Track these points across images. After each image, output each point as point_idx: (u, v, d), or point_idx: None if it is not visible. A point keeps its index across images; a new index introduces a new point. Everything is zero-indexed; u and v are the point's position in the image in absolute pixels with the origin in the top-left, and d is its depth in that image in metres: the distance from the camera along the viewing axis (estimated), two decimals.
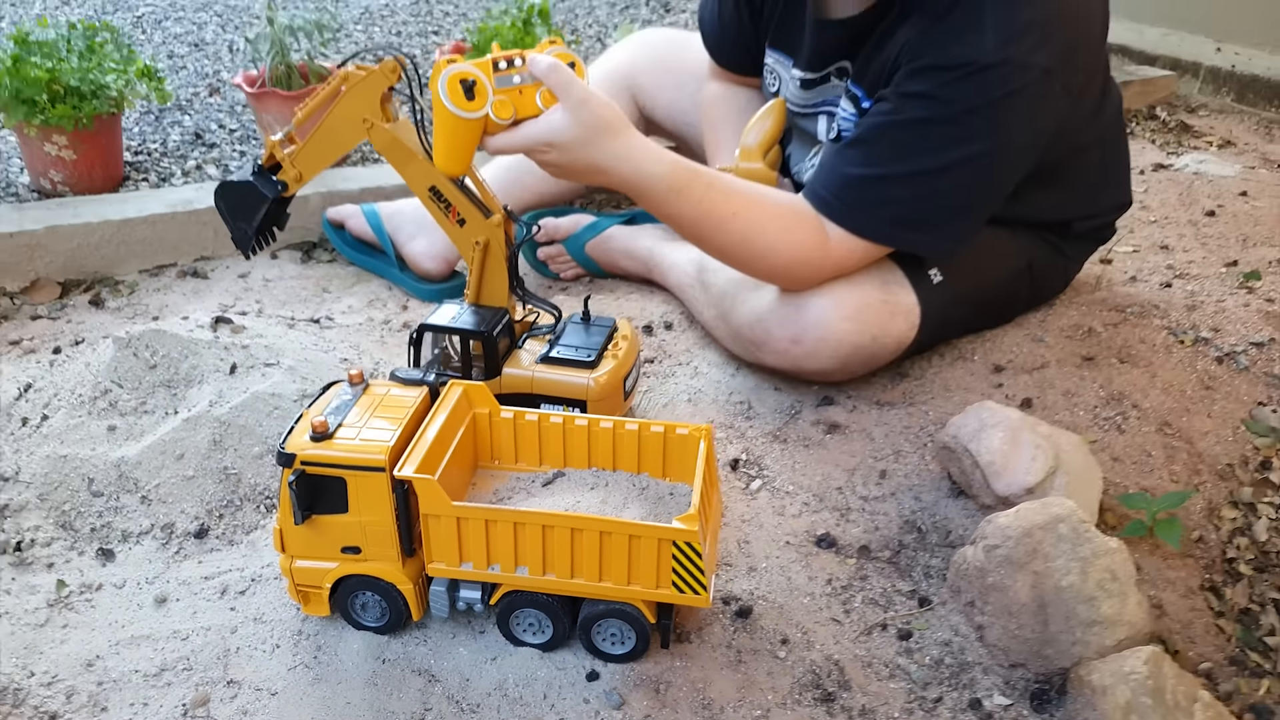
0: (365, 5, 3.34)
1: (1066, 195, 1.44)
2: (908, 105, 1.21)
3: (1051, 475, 1.04)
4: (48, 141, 1.82)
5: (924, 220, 1.25)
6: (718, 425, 1.34)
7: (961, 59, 1.17)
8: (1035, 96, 1.20)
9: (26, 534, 1.16)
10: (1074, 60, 1.24)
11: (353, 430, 0.98)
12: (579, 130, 1.11)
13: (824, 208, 1.25)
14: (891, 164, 1.22)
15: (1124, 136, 1.55)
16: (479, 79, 1.10)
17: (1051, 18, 1.19)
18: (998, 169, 1.25)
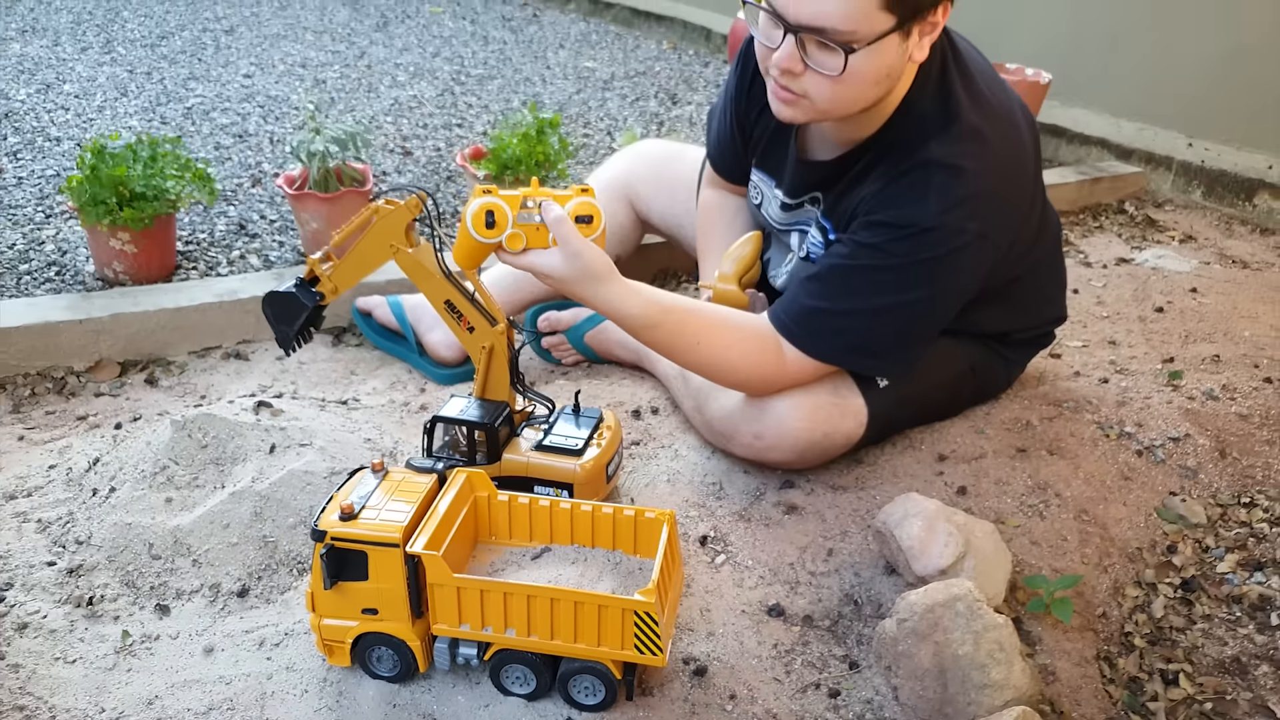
0: (395, 97, 3.61)
1: (1005, 312, 1.64)
2: (860, 253, 1.42)
3: (962, 559, 1.23)
4: (114, 237, 2.06)
5: (868, 348, 1.47)
6: (691, 504, 1.53)
7: (907, 220, 1.38)
8: (967, 255, 1.41)
9: (97, 590, 1.36)
10: (1003, 225, 1.45)
11: (374, 511, 1.18)
12: (569, 274, 1.33)
13: (785, 332, 1.46)
14: (843, 301, 1.44)
15: (1060, 261, 1.74)
16: (502, 212, 1.31)
17: (984, 192, 1.39)
18: (933, 311, 1.46)
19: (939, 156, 1.39)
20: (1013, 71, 3.19)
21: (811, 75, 1.33)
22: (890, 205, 1.41)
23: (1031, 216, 1.58)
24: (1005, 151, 1.45)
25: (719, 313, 1.48)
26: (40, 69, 3.76)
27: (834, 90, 1.33)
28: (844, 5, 1.25)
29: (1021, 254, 1.57)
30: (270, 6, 5.14)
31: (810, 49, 1.31)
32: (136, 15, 4.77)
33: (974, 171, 1.38)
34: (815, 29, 1.28)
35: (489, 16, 5.20)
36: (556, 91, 3.82)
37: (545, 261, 1.33)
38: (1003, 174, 1.44)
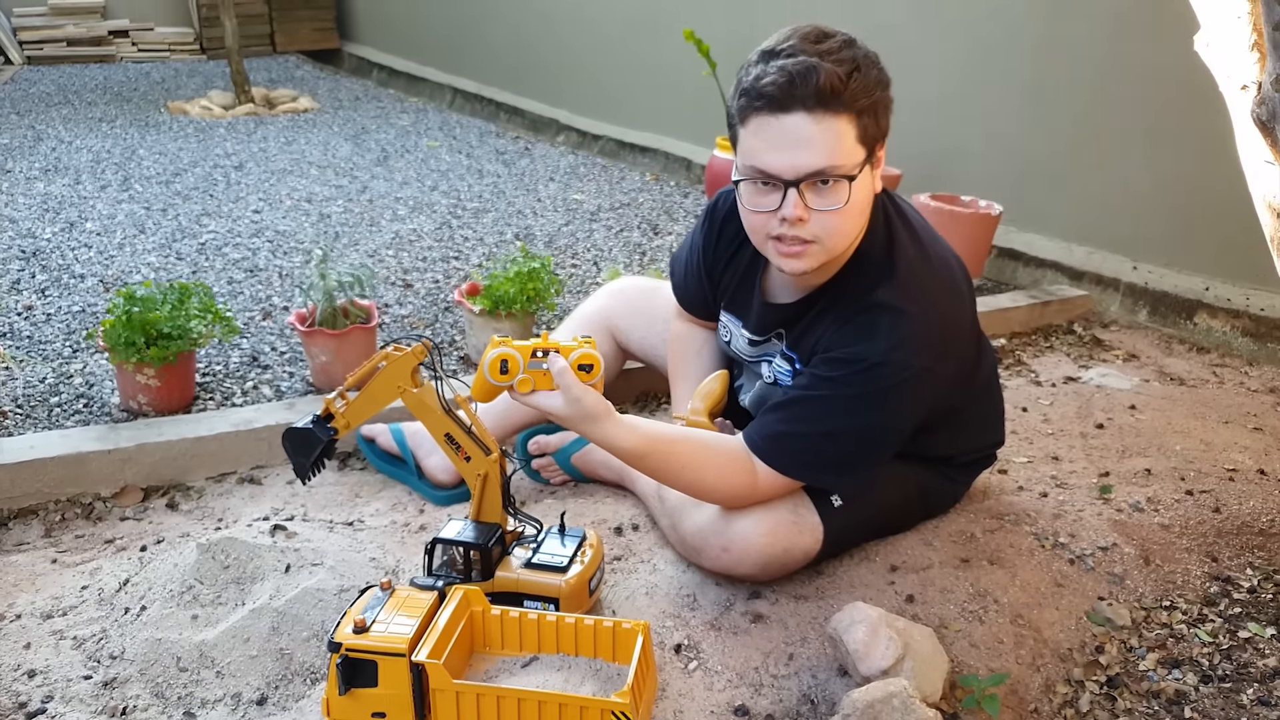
0: (396, 231, 3.86)
1: (948, 438, 1.83)
2: (819, 384, 1.63)
3: (901, 660, 1.39)
4: (139, 373, 2.25)
5: (829, 466, 1.66)
6: (667, 615, 1.69)
7: (858, 356, 1.59)
8: (912, 386, 1.61)
9: (129, 700, 1.51)
10: (945, 357, 1.65)
11: (383, 625, 1.34)
12: (569, 414, 1.54)
13: (756, 450, 1.65)
14: (806, 425, 1.63)
15: (997, 391, 1.94)
16: (515, 361, 1.53)
17: (928, 329, 1.60)
18: (883, 435, 1.66)
19: (885, 300, 1.60)
20: (966, 203, 3.45)
21: (816, 218, 1.54)
22: (844, 343, 1.62)
23: (970, 352, 1.78)
24: (944, 296, 1.67)
25: (699, 437, 1.68)
26: (64, 207, 4.02)
27: (839, 223, 1.55)
28: (836, 146, 1.49)
29: (962, 385, 1.77)
30: (276, 142, 5.46)
31: (810, 196, 1.52)
32: (151, 153, 5.06)
33: (916, 313, 1.60)
34: (815, 173, 1.50)
35: (483, 150, 5.52)
36: (546, 224, 4.09)
37: (549, 403, 1.54)
38: (942, 315, 1.65)
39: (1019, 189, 3.69)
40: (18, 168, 4.65)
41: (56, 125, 5.68)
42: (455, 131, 6.02)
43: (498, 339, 1.54)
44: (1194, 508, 1.98)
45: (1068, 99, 3.51)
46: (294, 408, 2.31)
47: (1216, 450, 2.27)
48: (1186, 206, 3.22)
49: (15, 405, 2.35)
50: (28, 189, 4.28)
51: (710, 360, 2.06)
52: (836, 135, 1.49)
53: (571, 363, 1.53)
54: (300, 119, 6.22)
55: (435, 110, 6.79)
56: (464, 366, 2.66)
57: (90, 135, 5.43)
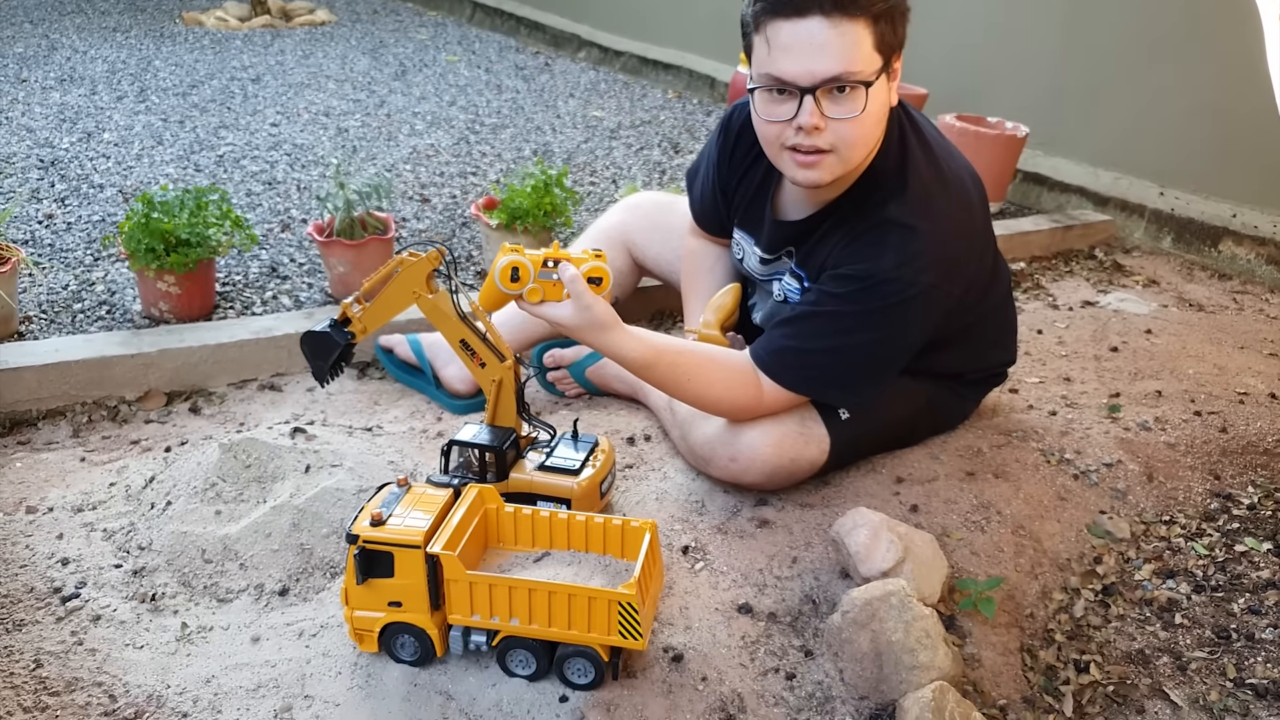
0: (413, 146, 3.86)
1: (958, 356, 1.84)
2: (826, 300, 1.64)
3: (901, 563, 1.43)
4: (160, 280, 2.29)
5: (833, 381, 1.68)
6: (676, 519, 1.74)
7: (866, 273, 1.60)
8: (920, 304, 1.61)
9: (158, 588, 1.57)
10: (954, 275, 1.65)
11: (399, 519, 1.39)
12: (579, 323, 1.56)
13: (762, 366, 1.68)
14: (810, 341, 1.65)
15: (1010, 310, 1.94)
16: (525, 269, 1.54)
17: (936, 248, 1.60)
18: (889, 352, 1.67)
19: (895, 216, 1.60)
20: (992, 124, 3.41)
21: (833, 126, 1.53)
22: (852, 259, 1.63)
23: (981, 271, 1.78)
24: (955, 213, 1.66)
25: (705, 351, 1.70)
26: (81, 117, 4.02)
27: (856, 131, 1.53)
28: (852, 51, 1.47)
29: (972, 304, 1.77)
30: (294, 56, 5.42)
31: (826, 104, 1.51)
32: (167, 64, 5.04)
33: (926, 230, 1.59)
34: (832, 79, 1.49)
35: (502, 65, 5.47)
36: (565, 140, 4.07)
37: (559, 313, 1.56)
38: (953, 233, 1.65)
39: (1047, 112, 3.64)
40: (33, 77, 4.65)
41: (70, 34, 5.65)
42: (474, 46, 5.96)
43: (509, 246, 1.56)
44: (1201, 428, 2.00)
45: (1100, 21, 3.44)
46: (313, 317, 2.35)
47: (1229, 374, 2.28)
48: (1217, 132, 3.17)
49: (40, 310, 2.39)
50: (44, 99, 4.28)
51: (724, 276, 2.07)
52: (854, 40, 1.47)
53: (581, 275, 1.55)
54: (317, 32, 6.16)
55: (454, 24, 6.71)
56: (479, 280, 2.68)
57: (105, 45, 5.41)
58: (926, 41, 3.96)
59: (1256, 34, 1.53)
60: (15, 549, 1.64)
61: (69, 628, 1.48)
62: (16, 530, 1.69)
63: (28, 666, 1.40)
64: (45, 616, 1.50)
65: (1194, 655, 1.45)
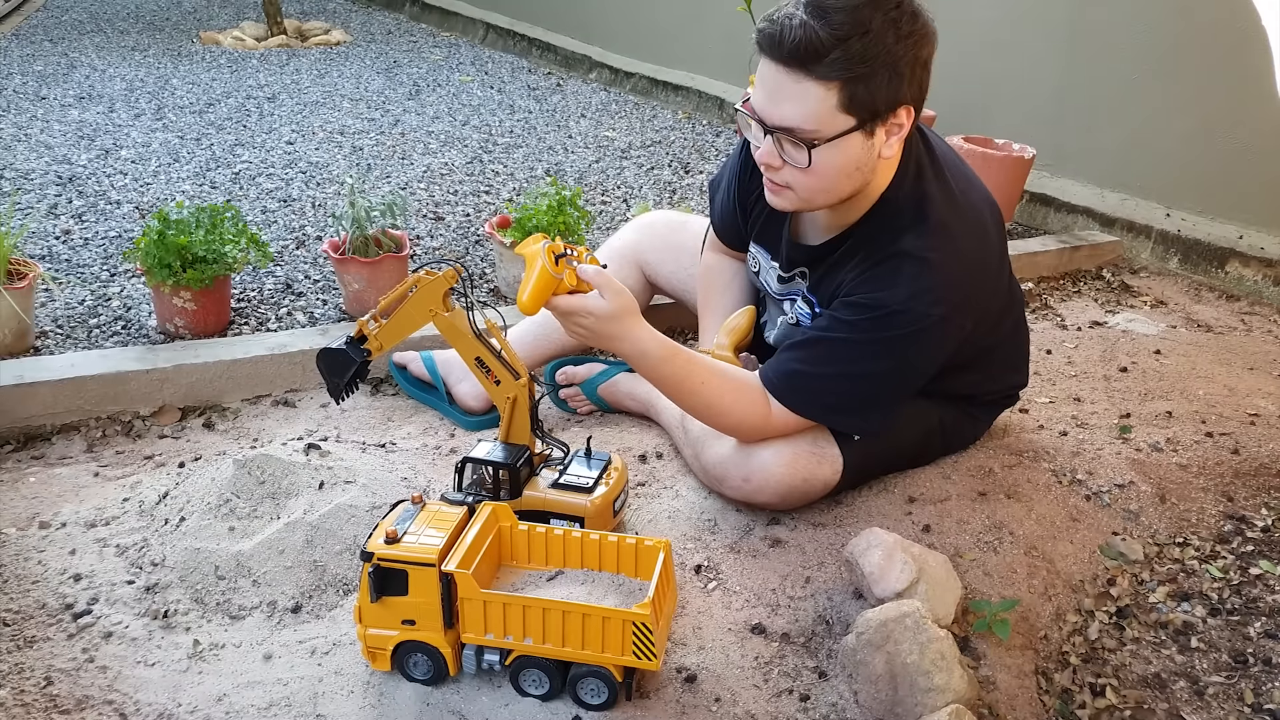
0: (427, 165, 3.88)
1: (971, 378, 1.84)
2: (837, 326, 1.64)
3: (915, 583, 1.43)
4: (176, 296, 2.30)
5: (841, 409, 1.69)
6: (688, 538, 1.74)
7: (879, 303, 1.60)
8: (931, 335, 1.62)
9: (171, 605, 1.58)
10: (967, 308, 1.65)
11: (413, 537, 1.39)
12: (611, 309, 1.57)
13: (771, 388, 1.68)
14: (820, 366, 1.66)
15: (1024, 336, 1.94)
16: (558, 249, 1.56)
17: (950, 281, 1.60)
18: (898, 381, 1.67)
19: (910, 249, 1.60)
20: (1000, 146, 3.42)
21: (788, 168, 1.56)
22: (866, 288, 1.63)
23: (995, 300, 1.78)
24: (971, 246, 1.66)
25: (719, 365, 1.71)
26: (99, 135, 4.06)
27: (807, 181, 1.56)
28: (806, 108, 1.49)
29: (987, 331, 1.77)
30: (309, 75, 5.46)
31: (785, 146, 1.54)
32: (185, 83, 5.08)
33: (940, 264, 1.59)
34: (785, 129, 1.52)
35: (515, 86, 5.50)
36: (577, 160, 4.09)
37: (592, 300, 1.57)
38: (968, 267, 1.65)
39: (1054, 134, 3.65)
40: (52, 94, 4.69)
41: (89, 53, 5.71)
42: (487, 67, 6.00)
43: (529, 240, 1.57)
44: (1213, 449, 2.00)
45: (1106, 42, 3.45)
46: (328, 333, 2.36)
47: (1240, 395, 2.27)
48: (1223, 154, 3.18)
49: (55, 325, 2.40)
50: (62, 116, 4.32)
51: (740, 294, 2.08)
52: (813, 99, 1.48)
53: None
54: (333, 52, 6.21)
55: (467, 45, 6.76)
56: (494, 299, 2.69)
57: (123, 64, 5.45)
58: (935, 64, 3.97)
59: (1262, 56, 1.54)
60: (28, 565, 1.65)
61: (80, 645, 1.49)
62: (29, 546, 1.69)
63: (38, 684, 1.40)
64: (57, 633, 1.50)
65: (1211, 680, 1.44)
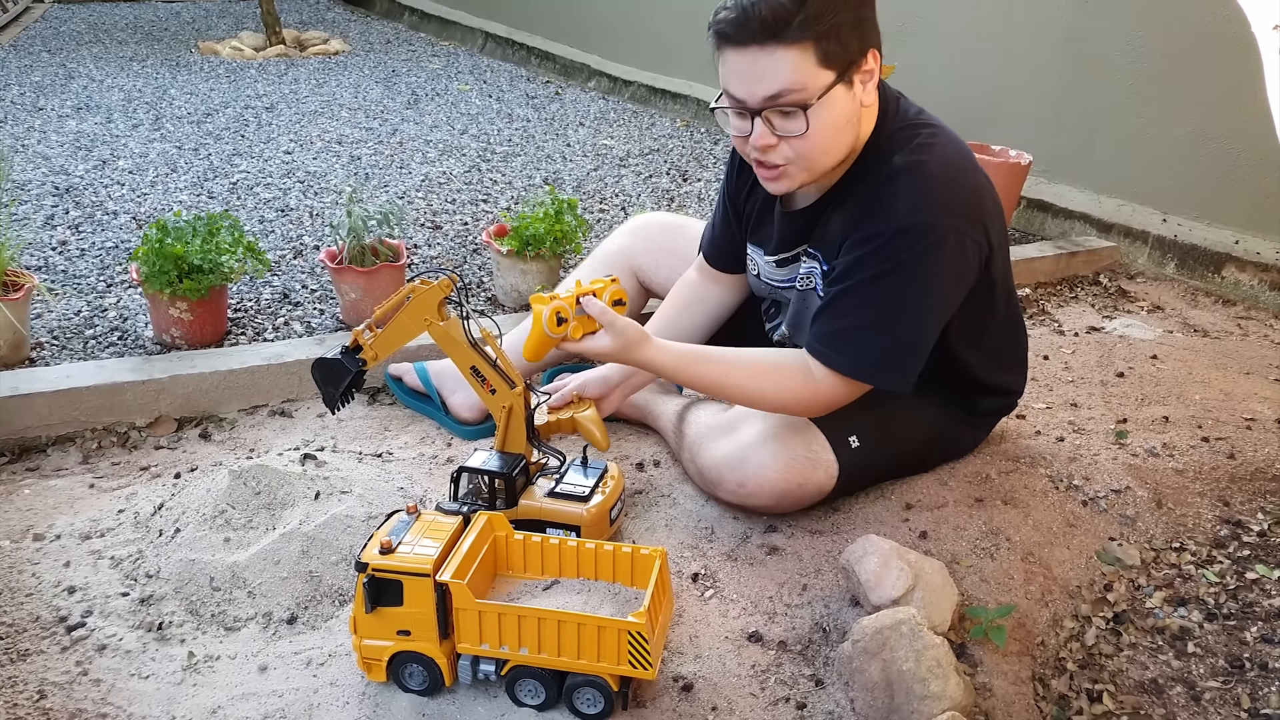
0: (425, 174, 3.88)
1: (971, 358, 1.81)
2: (855, 269, 1.62)
3: (911, 590, 1.43)
4: (173, 306, 2.30)
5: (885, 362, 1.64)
6: (685, 546, 1.73)
7: (885, 226, 1.59)
8: (948, 247, 1.60)
9: (165, 617, 1.57)
10: (971, 219, 1.64)
11: (408, 547, 1.39)
12: (618, 346, 1.64)
13: (817, 355, 1.65)
14: (854, 316, 1.62)
15: (1022, 333, 1.93)
16: (566, 311, 1.62)
17: (947, 183, 1.61)
18: (931, 311, 1.64)
19: (901, 165, 1.62)
20: (996, 152, 3.42)
21: (784, 143, 1.58)
22: (868, 219, 1.62)
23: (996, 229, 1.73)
24: (959, 154, 1.69)
25: (743, 351, 1.72)
26: (96, 145, 4.06)
27: (806, 147, 1.58)
28: (789, 75, 1.51)
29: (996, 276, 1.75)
30: (307, 84, 5.47)
31: (775, 121, 1.56)
32: (183, 93, 5.09)
33: (933, 168, 1.61)
34: (772, 98, 1.53)
35: (513, 94, 5.51)
36: (575, 168, 4.09)
37: (598, 344, 1.64)
38: (958, 167, 1.66)
39: (1051, 140, 3.65)
40: (50, 105, 4.70)
41: (87, 64, 5.72)
42: (486, 75, 6.01)
43: (542, 294, 1.61)
44: (1209, 454, 2.00)
45: (1103, 50, 3.46)
46: (324, 343, 2.36)
47: (1236, 400, 2.27)
48: (1219, 159, 3.18)
49: (51, 336, 2.40)
50: (60, 126, 4.33)
51: (699, 319, 2.08)
52: (792, 64, 1.51)
53: (606, 301, 1.64)
54: (331, 61, 6.23)
55: (466, 54, 6.77)
56: (491, 307, 2.69)
57: (121, 74, 5.47)
58: (931, 70, 3.98)
59: (1256, 62, 1.55)
60: (21, 577, 1.65)
61: (74, 657, 1.48)
62: (23, 558, 1.69)
63: (31, 697, 1.39)
64: (50, 646, 1.50)
65: (1208, 685, 1.43)
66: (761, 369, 1.69)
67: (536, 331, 1.62)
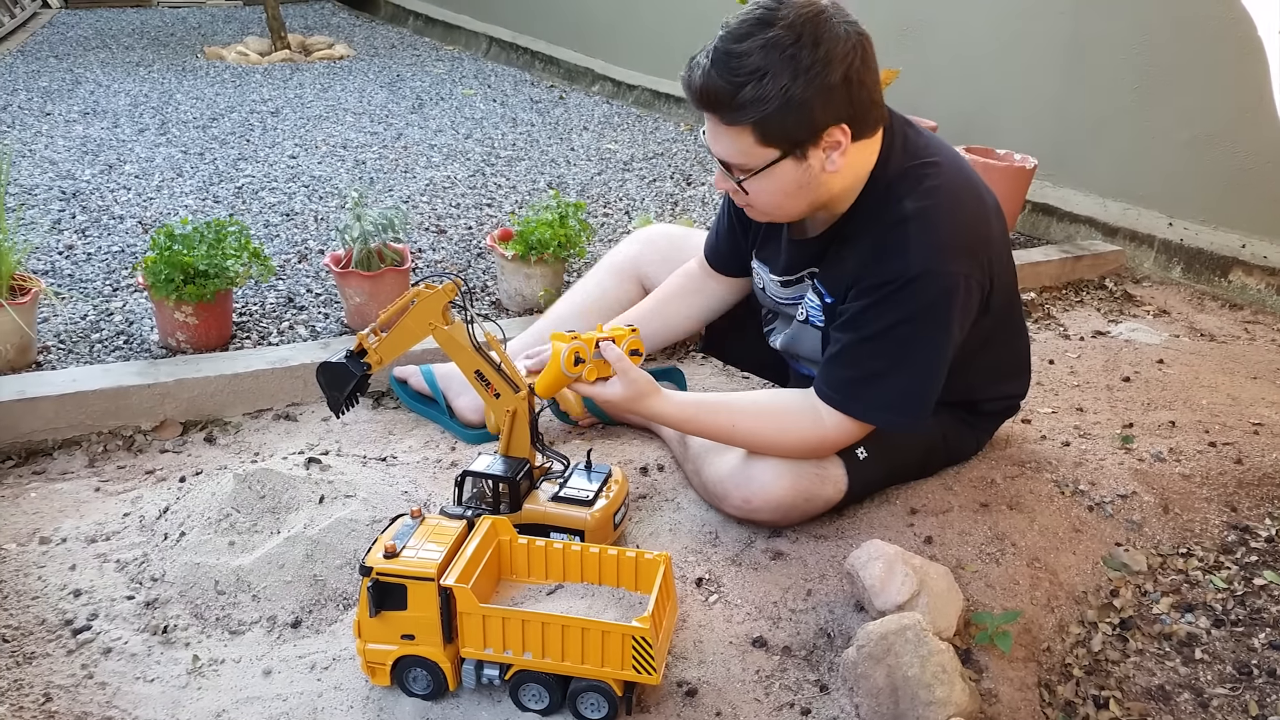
0: (430, 178, 3.89)
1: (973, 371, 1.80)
2: (868, 317, 1.63)
3: (916, 596, 1.42)
4: (178, 310, 2.31)
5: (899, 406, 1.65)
6: (689, 551, 1.73)
7: (897, 273, 1.59)
8: (957, 293, 1.60)
9: (170, 620, 1.57)
10: (978, 259, 1.65)
11: (412, 551, 1.39)
12: (628, 395, 1.66)
13: (830, 401, 1.66)
14: (868, 365, 1.64)
15: (1024, 339, 1.93)
16: (585, 352, 1.64)
17: (957, 237, 1.62)
18: (940, 353, 1.64)
19: (910, 212, 1.61)
20: (1001, 156, 3.42)
21: (746, 188, 1.63)
22: (878, 265, 1.63)
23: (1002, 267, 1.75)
24: (963, 185, 1.69)
25: (752, 397, 1.76)
26: (103, 150, 4.07)
27: (761, 200, 1.64)
28: (730, 147, 1.59)
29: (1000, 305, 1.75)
30: (312, 89, 5.48)
31: (730, 172, 1.63)
32: (188, 98, 5.11)
33: (940, 206, 1.62)
34: (723, 162, 1.62)
35: (518, 99, 5.52)
36: (579, 173, 4.10)
37: (609, 390, 1.67)
38: (964, 204, 1.67)
39: (1056, 144, 3.65)
40: (57, 110, 4.71)
41: (94, 69, 5.74)
42: (490, 80, 6.02)
43: (563, 334, 1.64)
44: (1216, 459, 1.99)
45: (1108, 53, 3.46)
46: (329, 347, 2.36)
47: (1243, 405, 2.27)
48: (1225, 163, 3.17)
49: (58, 340, 2.41)
50: (67, 131, 4.34)
51: (693, 310, 2.11)
52: (732, 138, 1.58)
53: (624, 350, 1.66)
54: (336, 66, 6.24)
55: (470, 58, 6.79)
56: (495, 311, 2.69)
57: (128, 79, 5.48)
58: (935, 74, 3.98)
59: (1262, 65, 1.54)
60: (27, 580, 1.65)
61: (79, 661, 1.48)
62: (29, 561, 1.69)
63: (37, 700, 1.39)
64: (56, 649, 1.50)
65: (1215, 692, 1.43)
66: (769, 416, 1.71)
67: (553, 369, 1.64)
